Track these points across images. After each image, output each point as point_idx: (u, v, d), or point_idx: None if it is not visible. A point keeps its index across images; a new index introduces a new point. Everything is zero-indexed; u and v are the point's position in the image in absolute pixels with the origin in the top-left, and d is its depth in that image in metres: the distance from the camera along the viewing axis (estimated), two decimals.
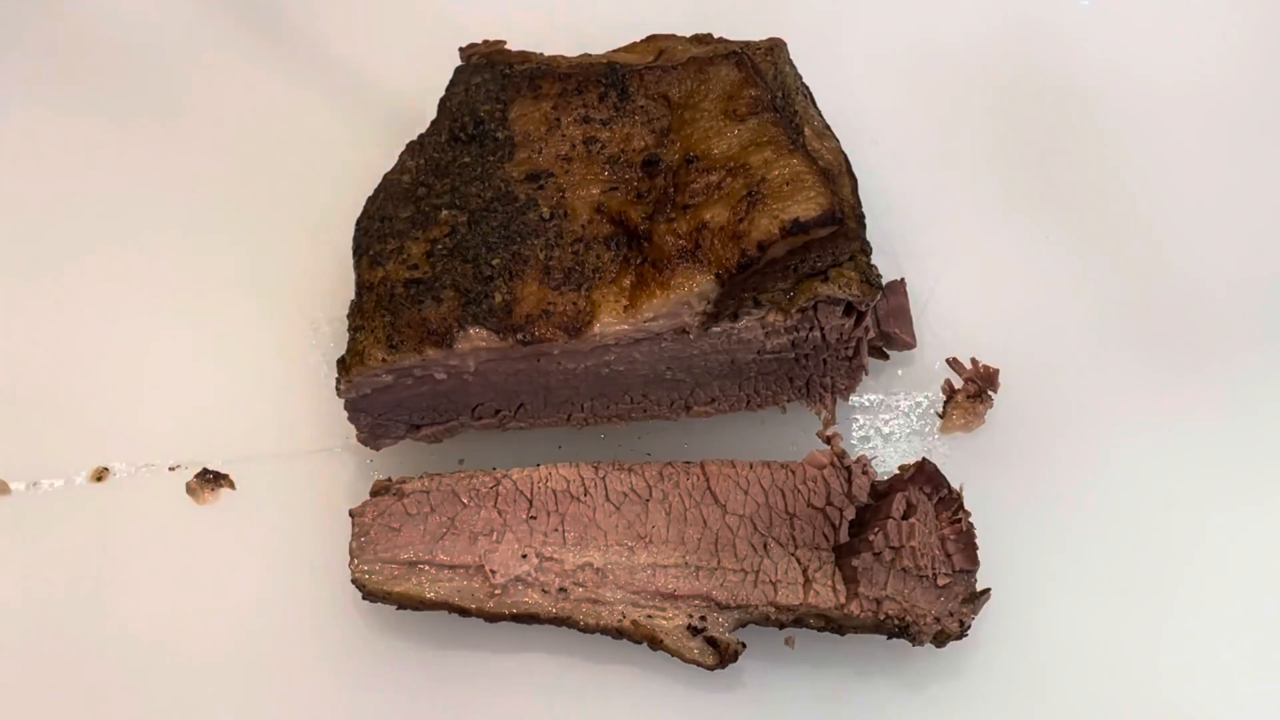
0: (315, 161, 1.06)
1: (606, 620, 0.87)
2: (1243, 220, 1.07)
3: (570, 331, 0.84)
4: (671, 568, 0.88)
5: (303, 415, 0.99)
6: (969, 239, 1.05)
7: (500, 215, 0.87)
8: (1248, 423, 1.00)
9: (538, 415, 0.93)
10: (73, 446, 0.97)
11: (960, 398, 1.00)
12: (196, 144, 1.07)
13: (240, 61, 1.11)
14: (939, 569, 0.87)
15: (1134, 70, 1.11)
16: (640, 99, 0.90)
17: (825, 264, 0.86)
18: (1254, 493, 0.98)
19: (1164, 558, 0.96)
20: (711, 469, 0.90)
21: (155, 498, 0.96)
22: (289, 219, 1.04)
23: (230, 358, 1.00)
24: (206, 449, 0.98)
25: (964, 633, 0.88)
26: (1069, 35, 1.13)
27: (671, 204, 0.86)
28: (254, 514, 0.96)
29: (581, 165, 0.89)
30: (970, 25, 1.13)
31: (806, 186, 0.83)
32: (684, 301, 0.84)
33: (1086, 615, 0.94)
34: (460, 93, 0.94)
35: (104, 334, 1.01)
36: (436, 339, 0.84)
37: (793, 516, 0.89)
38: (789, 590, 0.87)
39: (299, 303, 1.02)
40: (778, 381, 0.93)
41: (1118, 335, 1.02)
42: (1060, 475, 0.98)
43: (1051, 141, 1.09)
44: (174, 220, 1.05)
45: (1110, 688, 0.93)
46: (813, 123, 0.93)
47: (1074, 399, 1.00)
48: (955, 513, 0.88)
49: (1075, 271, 1.04)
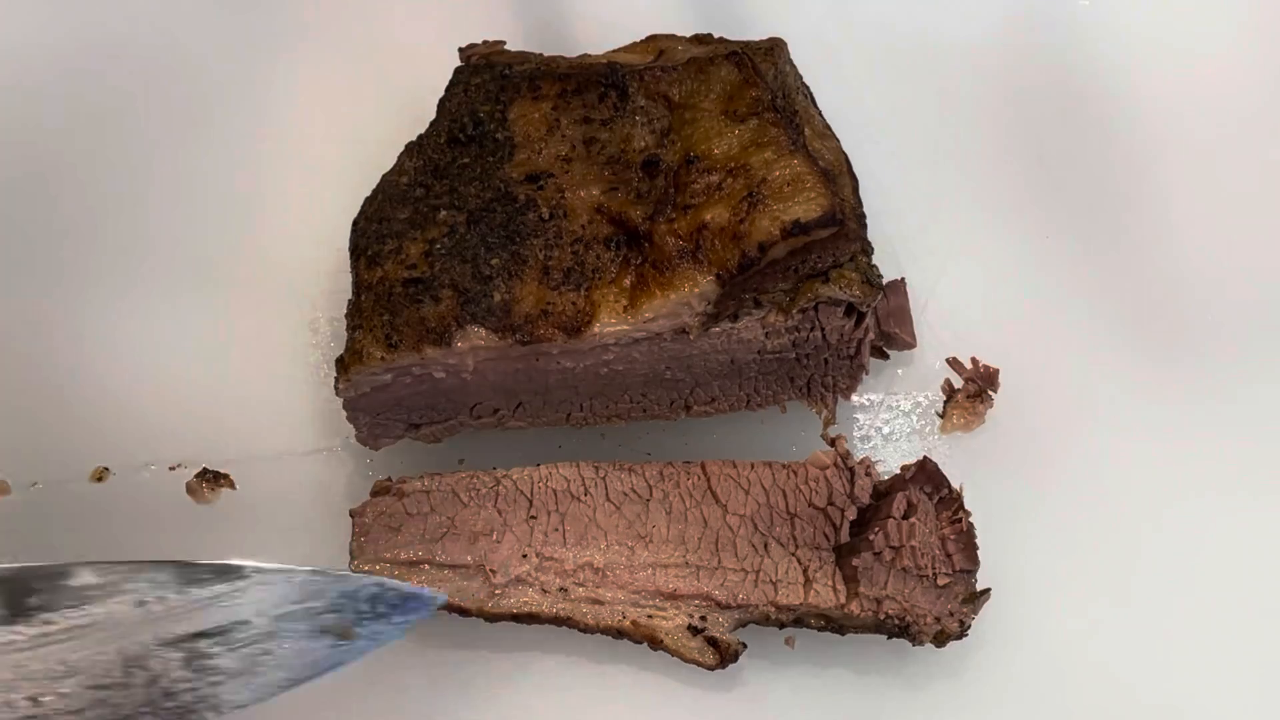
0: (315, 161, 1.06)
1: (607, 620, 0.87)
2: (1243, 220, 1.07)
3: (569, 331, 0.84)
4: (672, 567, 0.88)
5: (302, 415, 0.99)
6: (969, 239, 1.05)
7: (499, 215, 0.87)
8: (1248, 422, 1.00)
9: (537, 414, 0.93)
10: (73, 446, 0.97)
11: (960, 398, 1.00)
12: (196, 144, 1.07)
13: (240, 61, 1.10)
14: (939, 569, 0.87)
15: (1134, 70, 1.11)
16: (640, 99, 0.90)
17: (826, 265, 0.86)
18: (1254, 492, 0.98)
19: (1164, 557, 0.96)
20: (712, 469, 0.90)
21: (155, 498, 0.96)
22: (289, 219, 1.04)
23: (230, 358, 1.00)
24: (206, 449, 0.98)
25: (964, 633, 0.88)
26: (1069, 35, 1.13)
27: (672, 204, 0.86)
28: (254, 514, 0.96)
29: (581, 166, 0.89)
30: (970, 25, 1.13)
31: (807, 187, 0.83)
32: (684, 302, 0.84)
33: (1086, 615, 0.94)
34: (459, 93, 0.94)
35: (104, 334, 1.01)
36: (435, 338, 0.84)
37: (794, 516, 0.89)
38: (789, 590, 0.87)
39: (299, 303, 1.02)
40: (778, 381, 0.93)
41: (1118, 335, 1.02)
42: (1060, 475, 0.98)
43: (1051, 141, 1.09)
44: (174, 220, 1.05)
45: (1110, 687, 0.93)
46: (813, 123, 0.93)
47: (1074, 399, 1.00)
48: (955, 512, 0.88)
49: (1075, 271, 1.04)
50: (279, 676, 0.73)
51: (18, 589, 0.71)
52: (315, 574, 0.74)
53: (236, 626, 0.73)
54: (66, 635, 0.71)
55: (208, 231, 1.04)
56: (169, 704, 0.72)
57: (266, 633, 0.73)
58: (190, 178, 1.06)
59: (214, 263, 1.03)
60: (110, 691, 0.71)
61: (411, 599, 0.76)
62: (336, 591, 0.74)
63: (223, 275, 1.03)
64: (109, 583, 0.72)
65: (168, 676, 0.72)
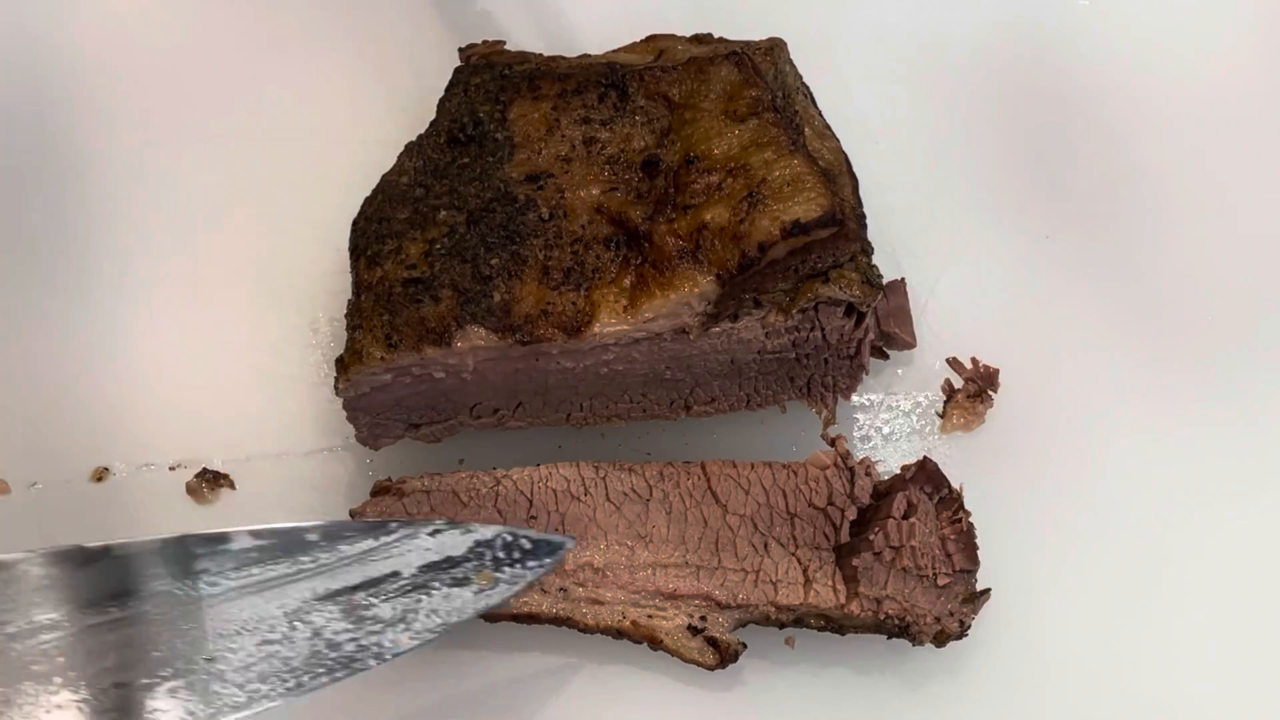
0: (315, 161, 1.06)
1: (607, 620, 0.87)
2: (1242, 220, 1.07)
3: (569, 331, 0.84)
4: (672, 567, 0.88)
5: (303, 415, 0.99)
6: (969, 239, 1.05)
7: (499, 216, 0.87)
8: (1248, 422, 1.00)
9: (536, 414, 0.93)
10: (73, 446, 0.97)
11: (960, 398, 1.00)
12: (196, 144, 1.07)
13: (240, 62, 1.10)
14: (939, 569, 0.87)
15: (1134, 70, 1.11)
16: (640, 99, 0.90)
17: (826, 265, 0.86)
18: (1254, 491, 0.98)
19: (1164, 556, 0.96)
20: (713, 469, 0.90)
21: (155, 498, 0.96)
22: (289, 219, 1.04)
23: (230, 358, 1.00)
24: (206, 449, 0.98)
25: (964, 633, 0.88)
26: (1069, 35, 1.13)
27: (672, 204, 0.86)
28: (254, 514, 0.96)
29: (581, 166, 0.89)
30: (970, 25, 1.13)
31: (807, 188, 0.83)
32: (684, 302, 0.84)
33: (1086, 615, 0.94)
34: (459, 93, 0.94)
35: (104, 334, 1.01)
36: (435, 337, 0.84)
37: (794, 516, 0.89)
38: (789, 590, 0.87)
39: (299, 303, 1.02)
40: (778, 381, 0.93)
41: (1117, 335, 1.02)
42: (1060, 475, 0.98)
43: (1051, 141, 1.09)
44: (174, 220, 1.05)
45: (1109, 687, 0.93)
46: (813, 123, 0.93)
47: (1074, 399, 1.00)
48: (955, 512, 0.88)
49: (1075, 271, 1.04)
50: (434, 622, 0.79)
51: (183, 555, 0.77)
52: (451, 526, 0.80)
53: (387, 578, 0.79)
54: (234, 594, 0.77)
55: (208, 231, 1.04)
56: (333, 654, 0.77)
57: (415, 583, 0.79)
58: (190, 177, 1.06)
59: (214, 263, 1.03)
60: (278, 646, 0.77)
61: (543, 543, 0.81)
62: (472, 541, 0.80)
63: (222, 275, 1.03)
64: (266, 545, 0.78)
65: (330, 629, 0.77)
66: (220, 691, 0.76)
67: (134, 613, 0.76)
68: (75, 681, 0.74)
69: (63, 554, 0.76)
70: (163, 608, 0.76)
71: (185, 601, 0.76)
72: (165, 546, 0.77)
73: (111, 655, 0.75)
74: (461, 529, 0.80)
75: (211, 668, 0.76)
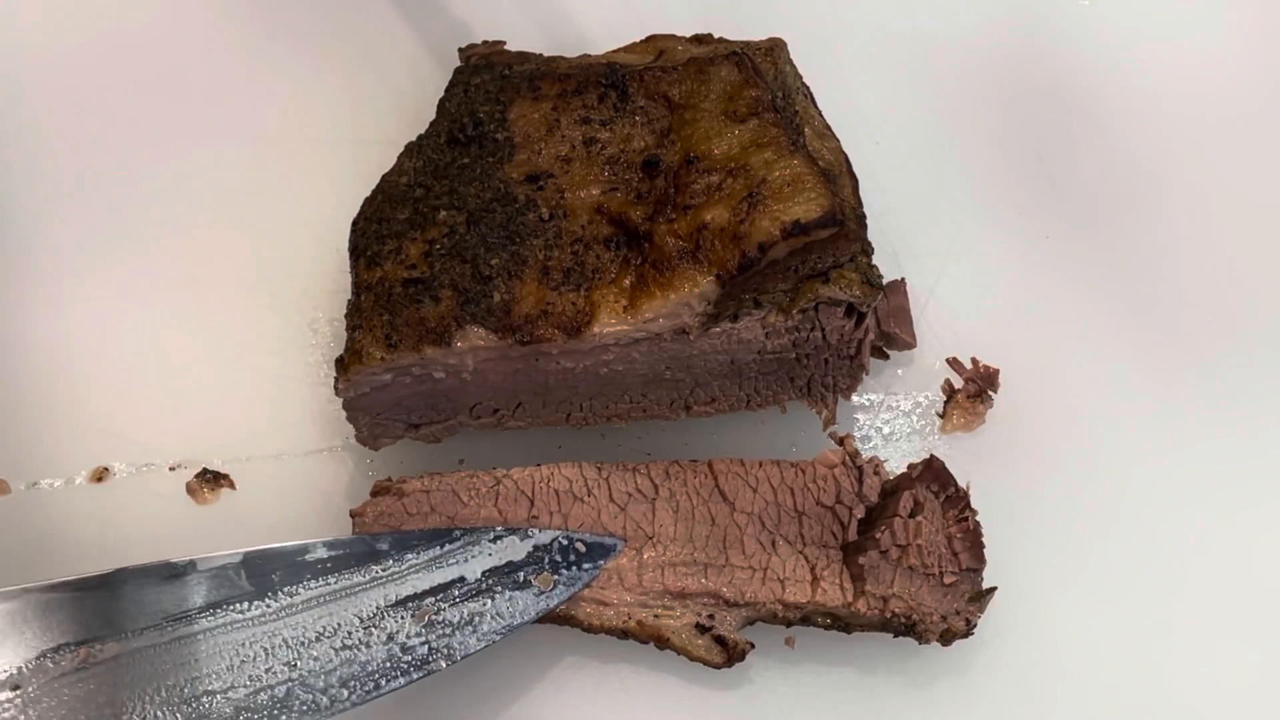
0: (315, 161, 1.06)
1: (611, 622, 0.87)
2: (1242, 220, 1.07)
3: (569, 331, 0.84)
4: (679, 565, 0.88)
5: (303, 415, 0.99)
6: (969, 239, 1.05)
7: (499, 216, 0.87)
8: (1248, 421, 1.01)
9: (536, 414, 0.93)
10: (73, 446, 0.97)
11: (960, 398, 1.00)
12: (196, 143, 1.07)
13: (240, 62, 1.10)
14: (945, 567, 0.87)
15: (1134, 70, 1.12)
16: (640, 99, 0.90)
17: (826, 265, 0.86)
18: (1255, 490, 0.99)
19: (1164, 555, 0.96)
20: (720, 467, 0.90)
21: (155, 498, 0.96)
22: (289, 219, 1.04)
23: (230, 358, 1.00)
24: (206, 449, 0.98)
25: (970, 631, 0.88)
26: (1069, 35, 1.13)
27: (672, 205, 0.86)
28: (254, 514, 0.96)
29: (581, 166, 0.89)
30: (970, 25, 1.13)
31: (807, 188, 0.83)
32: (684, 302, 0.84)
33: (1089, 613, 0.94)
34: (459, 94, 0.94)
35: (104, 334, 1.01)
36: (435, 338, 0.84)
37: (801, 515, 0.89)
38: (797, 588, 0.87)
39: (299, 303, 1.02)
40: (778, 381, 0.93)
41: (1117, 335, 1.03)
42: (1060, 474, 0.98)
43: (1051, 141, 1.09)
44: (174, 220, 1.04)
45: (1114, 686, 0.93)
46: (813, 123, 0.93)
47: (1074, 399, 1.00)
48: (962, 511, 0.88)
49: (1075, 271, 1.05)
50: (499, 624, 0.84)
51: (262, 568, 0.82)
52: (511, 532, 0.85)
53: (454, 584, 0.84)
54: (310, 604, 0.82)
55: (208, 231, 1.04)
56: (406, 658, 0.82)
57: (480, 588, 0.84)
58: (190, 177, 1.06)
59: (214, 263, 1.03)
60: (354, 651, 0.82)
61: (598, 545, 0.87)
62: (531, 545, 0.85)
63: (223, 275, 1.03)
64: (339, 555, 0.83)
65: (403, 633, 0.82)
66: (301, 696, 0.80)
67: (221, 621, 0.81)
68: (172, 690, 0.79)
69: (153, 568, 0.82)
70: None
71: (263, 612, 0.82)
72: (247, 559, 0.82)
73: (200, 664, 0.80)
74: (520, 534, 0.85)
75: (291, 674, 0.81)
